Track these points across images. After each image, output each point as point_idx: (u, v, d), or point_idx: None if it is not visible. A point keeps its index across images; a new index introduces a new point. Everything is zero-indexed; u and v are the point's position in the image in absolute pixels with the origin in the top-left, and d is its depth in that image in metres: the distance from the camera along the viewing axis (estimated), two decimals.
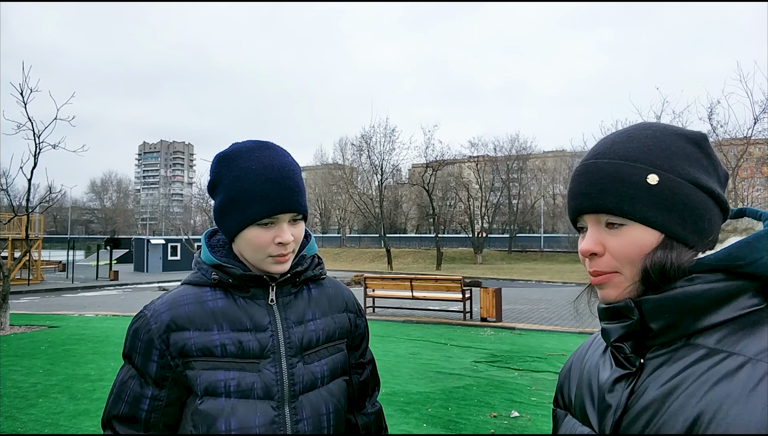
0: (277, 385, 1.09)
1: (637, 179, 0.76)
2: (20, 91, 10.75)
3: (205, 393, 1.06)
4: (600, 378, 0.83)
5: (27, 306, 16.12)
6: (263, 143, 1.15)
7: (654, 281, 0.75)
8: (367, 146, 42.28)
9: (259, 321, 1.12)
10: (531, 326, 11.41)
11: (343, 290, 1.30)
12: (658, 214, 0.75)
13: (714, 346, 0.71)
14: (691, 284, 0.73)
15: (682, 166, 0.77)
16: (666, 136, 0.79)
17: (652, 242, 0.76)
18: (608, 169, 0.78)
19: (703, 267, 0.73)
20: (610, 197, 0.77)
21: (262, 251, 1.10)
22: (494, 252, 51.21)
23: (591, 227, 0.81)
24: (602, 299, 0.81)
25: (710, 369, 0.68)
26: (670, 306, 0.74)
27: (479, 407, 5.41)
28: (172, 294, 1.16)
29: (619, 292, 0.79)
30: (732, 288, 0.72)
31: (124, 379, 1.12)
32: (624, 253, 0.77)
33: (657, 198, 0.75)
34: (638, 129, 0.81)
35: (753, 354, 0.66)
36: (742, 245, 0.73)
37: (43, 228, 27.49)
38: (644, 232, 0.76)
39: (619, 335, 0.78)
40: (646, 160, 0.77)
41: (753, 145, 32.07)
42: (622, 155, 0.78)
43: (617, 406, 0.77)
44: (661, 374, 0.73)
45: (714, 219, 0.77)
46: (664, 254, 0.75)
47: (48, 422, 4.93)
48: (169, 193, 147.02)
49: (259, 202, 1.07)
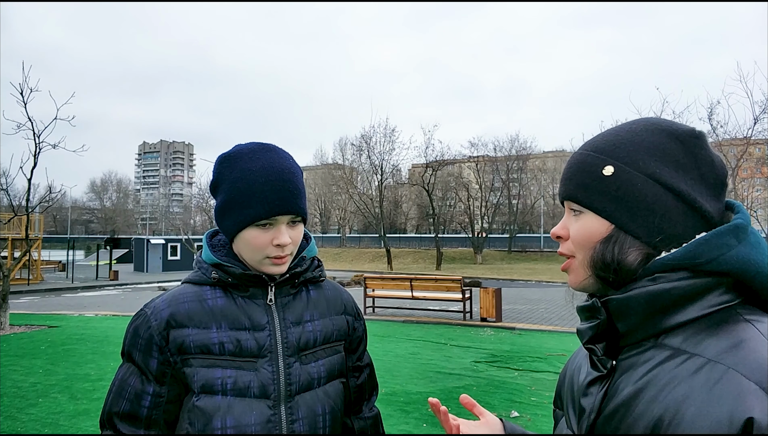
0: (273, 384, 1.10)
1: (593, 169, 0.79)
2: (20, 91, 10.76)
3: (201, 390, 1.07)
4: (578, 381, 0.84)
5: (27, 306, 16.11)
6: (265, 145, 1.16)
7: (599, 273, 0.77)
8: (367, 146, 42.31)
9: (257, 320, 1.13)
10: (531, 326, 11.42)
11: (342, 293, 1.30)
12: (608, 204, 0.77)
13: (678, 346, 0.70)
14: (653, 284, 0.72)
15: (645, 160, 0.77)
16: (647, 131, 0.79)
17: (602, 232, 0.78)
18: (577, 159, 0.83)
19: (665, 266, 0.73)
20: (571, 185, 0.82)
21: (260, 252, 1.11)
22: (494, 252, 51.22)
23: (566, 212, 0.85)
24: (570, 285, 0.84)
25: (673, 370, 0.68)
26: (633, 306, 0.73)
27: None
28: (173, 292, 1.17)
29: (579, 279, 0.82)
30: (698, 286, 0.71)
31: (124, 376, 1.12)
32: (577, 238, 0.81)
33: (608, 189, 0.77)
34: (630, 123, 0.83)
35: (712, 356, 0.66)
36: (701, 243, 0.72)
37: (42, 228, 27.49)
38: (595, 220, 0.79)
39: (589, 336, 0.79)
40: (608, 152, 0.79)
41: (753, 145, 32.05)
42: (593, 146, 0.82)
43: (591, 409, 0.77)
44: (631, 375, 0.73)
45: (670, 216, 0.75)
46: (605, 246, 0.77)
47: (48, 421, 4.93)
48: (169, 193, 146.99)
49: (258, 204, 1.08)
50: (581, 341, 0.82)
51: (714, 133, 28.60)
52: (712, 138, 31.10)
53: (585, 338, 0.80)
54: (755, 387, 0.61)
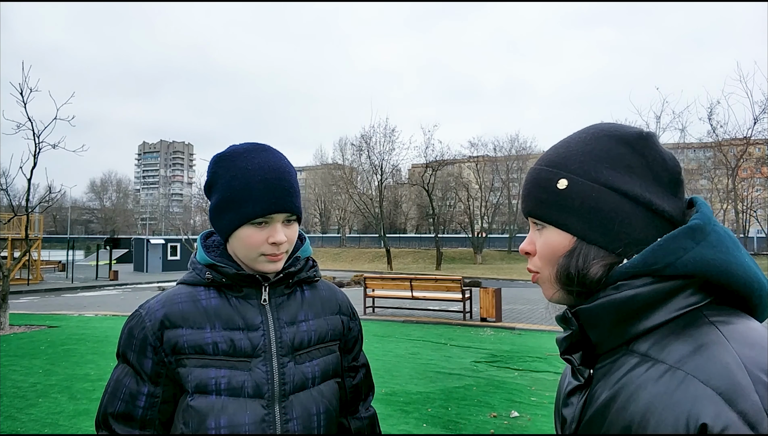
0: (267, 384, 1.10)
1: (549, 184, 0.79)
2: (20, 91, 10.75)
3: (195, 390, 1.07)
4: (562, 390, 0.86)
5: (27, 306, 16.11)
6: (260, 145, 1.17)
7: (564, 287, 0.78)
8: (366, 146, 42.32)
9: (251, 320, 1.14)
10: (531, 326, 11.42)
11: (337, 293, 1.31)
12: (566, 217, 0.77)
13: (645, 352, 0.70)
14: (617, 292, 0.72)
15: (597, 169, 0.76)
16: (595, 138, 0.79)
17: (565, 245, 0.78)
18: (533, 175, 0.83)
19: (625, 274, 0.73)
20: (530, 201, 0.82)
21: (255, 250, 1.12)
22: (494, 252, 51.22)
23: (530, 227, 0.85)
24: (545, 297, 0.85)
25: (640, 377, 0.68)
26: (600, 315, 0.74)
27: (479, 407, 5.41)
28: (167, 293, 1.18)
29: (549, 293, 0.83)
30: (661, 290, 0.71)
31: (119, 377, 1.13)
32: (542, 253, 0.81)
33: (565, 202, 0.77)
34: (579, 132, 0.83)
35: (673, 362, 0.66)
36: (655, 249, 0.71)
37: (42, 228, 27.49)
38: (557, 234, 0.79)
39: (565, 347, 0.80)
40: (561, 165, 0.79)
41: (753, 145, 32.07)
42: (547, 160, 0.82)
43: (572, 419, 0.78)
44: (606, 383, 0.73)
45: (629, 221, 0.75)
46: (568, 259, 0.77)
47: (48, 422, 4.93)
48: (169, 193, 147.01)
49: (254, 202, 1.09)
50: (559, 352, 0.83)
51: (714, 133, 28.51)
52: (712, 138, 31.11)
53: (561, 349, 0.81)
54: (711, 392, 0.60)
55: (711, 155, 36.88)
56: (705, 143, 33.63)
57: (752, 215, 38.43)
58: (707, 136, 31.59)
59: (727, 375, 0.61)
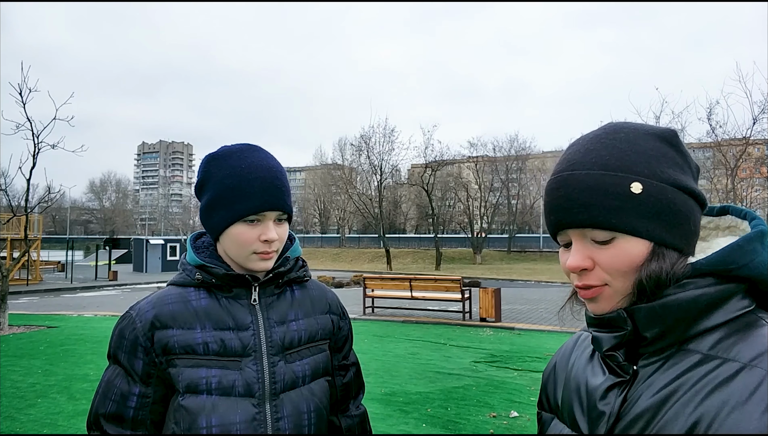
0: (258, 383, 1.11)
1: (621, 190, 0.73)
2: (19, 91, 10.75)
3: (186, 390, 1.08)
4: (590, 384, 0.81)
5: (26, 306, 16.10)
6: (251, 145, 1.19)
7: (649, 292, 0.73)
8: (366, 146, 42.32)
9: (241, 320, 1.14)
10: (530, 326, 11.42)
11: (327, 293, 1.32)
12: (647, 223, 0.73)
13: (708, 352, 0.70)
14: (683, 291, 0.71)
15: (662, 169, 0.75)
16: (639, 138, 0.77)
17: (642, 252, 0.73)
18: (588, 182, 0.75)
19: (694, 272, 0.72)
20: (595, 211, 0.74)
21: (247, 247, 1.12)
22: (493, 252, 51.20)
23: (576, 241, 0.77)
24: (594, 312, 0.79)
25: (706, 376, 0.68)
26: (663, 314, 0.72)
27: (478, 407, 5.41)
28: (157, 294, 1.19)
29: (612, 305, 0.77)
30: (724, 292, 0.71)
31: (110, 378, 1.13)
32: (615, 266, 0.74)
33: (643, 207, 0.73)
34: (609, 133, 0.78)
35: (748, 360, 0.66)
36: (735, 249, 0.72)
37: (41, 228, 27.47)
38: (634, 243, 0.73)
39: (612, 345, 0.77)
40: (626, 168, 0.74)
41: (752, 145, 32.07)
42: (600, 165, 0.75)
43: (610, 414, 0.75)
44: (655, 381, 0.72)
45: (698, 219, 0.76)
46: (659, 265, 0.73)
47: (47, 422, 4.93)
48: (168, 193, 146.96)
49: (247, 199, 1.10)
50: (599, 350, 0.80)
51: (713, 133, 28.56)
52: (711, 138, 31.13)
53: (606, 347, 0.78)
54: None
55: (710, 155, 36.87)
56: (704, 143, 33.63)
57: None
58: (706, 137, 31.59)
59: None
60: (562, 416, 0.87)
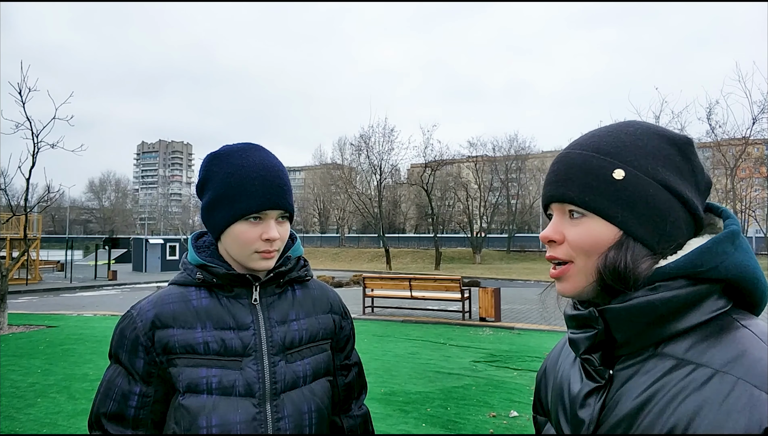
0: (258, 383, 1.10)
1: (602, 172, 0.76)
2: (18, 90, 10.73)
3: (187, 390, 1.08)
4: (571, 390, 0.82)
5: (25, 306, 16.08)
6: (253, 145, 1.19)
7: (608, 282, 0.74)
8: (365, 146, 42.28)
9: (241, 320, 1.14)
10: (530, 325, 11.41)
11: (329, 292, 1.31)
12: (618, 209, 0.74)
13: (682, 356, 0.70)
14: (654, 293, 0.72)
15: (654, 166, 0.75)
16: (646, 135, 0.78)
17: (609, 237, 0.75)
18: (578, 160, 0.79)
19: (664, 275, 0.72)
20: (574, 187, 0.77)
21: (248, 246, 1.12)
22: (493, 252, 51.21)
23: (556, 214, 0.81)
24: (560, 293, 0.81)
25: (680, 381, 0.68)
26: (633, 316, 0.72)
27: (478, 406, 5.41)
28: (158, 294, 1.19)
29: (575, 286, 0.79)
30: (697, 294, 0.71)
31: (111, 377, 1.13)
32: (579, 243, 0.77)
33: (619, 193, 0.74)
34: (622, 126, 0.81)
35: (719, 366, 0.66)
36: (703, 251, 0.72)
37: (41, 228, 27.45)
38: (602, 225, 0.75)
39: (586, 347, 0.78)
40: (616, 155, 0.76)
41: (751, 145, 32.10)
42: (594, 148, 0.78)
43: (590, 421, 0.75)
44: (633, 387, 0.72)
45: (679, 224, 0.75)
46: (618, 254, 0.74)
47: (46, 421, 4.92)
48: (168, 192, 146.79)
49: (249, 197, 1.10)
50: (576, 352, 0.81)
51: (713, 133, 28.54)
52: (711, 138, 31.12)
53: (581, 349, 0.79)
54: (766, 396, 0.62)
55: (710, 155, 36.91)
56: (704, 143, 33.66)
57: (751, 215, 38.48)
58: (706, 136, 31.63)
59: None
60: (552, 422, 0.88)
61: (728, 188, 31.87)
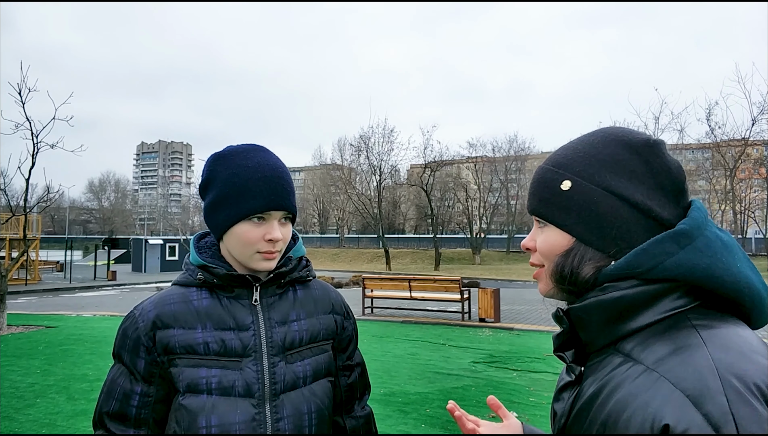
0: (258, 383, 1.11)
1: (553, 184, 0.82)
2: (18, 90, 10.73)
3: (187, 390, 1.09)
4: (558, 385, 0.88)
5: (24, 306, 16.08)
6: (257, 146, 1.20)
7: (556, 285, 0.81)
8: (365, 147, 42.31)
9: (241, 320, 1.15)
10: (529, 326, 11.41)
11: (330, 292, 1.31)
12: (566, 218, 0.80)
13: (628, 353, 0.72)
14: (603, 293, 0.75)
15: (601, 173, 0.78)
16: (603, 143, 0.81)
17: (563, 244, 0.81)
18: (539, 174, 0.86)
19: (608, 277, 0.75)
20: (535, 200, 0.85)
21: (251, 246, 1.13)
22: (492, 253, 51.20)
23: (535, 224, 0.88)
24: (540, 292, 0.89)
25: (620, 376, 0.71)
26: (588, 314, 0.76)
27: (477, 407, 5.41)
28: (160, 294, 1.19)
29: (545, 288, 0.86)
30: (647, 293, 0.72)
31: (114, 377, 1.14)
32: (542, 249, 0.84)
33: (566, 203, 0.80)
34: (589, 135, 0.85)
35: (650, 363, 0.68)
36: (639, 253, 0.73)
37: (40, 228, 27.44)
38: (557, 234, 0.82)
39: (556, 345, 0.84)
40: (567, 167, 0.82)
41: (751, 146, 32.13)
42: (554, 161, 0.85)
43: (562, 413, 0.81)
44: (591, 381, 0.76)
45: (629, 227, 0.76)
46: (564, 259, 0.80)
47: (45, 422, 4.92)
48: (167, 193, 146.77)
49: (254, 198, 1.11)
50: (553, 349, 0.86)
51: (712, 133, 28.57)
52: (711, 139, 31.15)
53: (555, 346, 0.84)
54: (679, 394, 0.62)
55: (709, 156, 36.92)
56: (703, 144, 33.70)
57: (750, 216, 38.49)
58: (705, 137, 31.68)
59: (698, 378, 0.62)
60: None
61: (728, 189, 31.89)
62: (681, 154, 34.40)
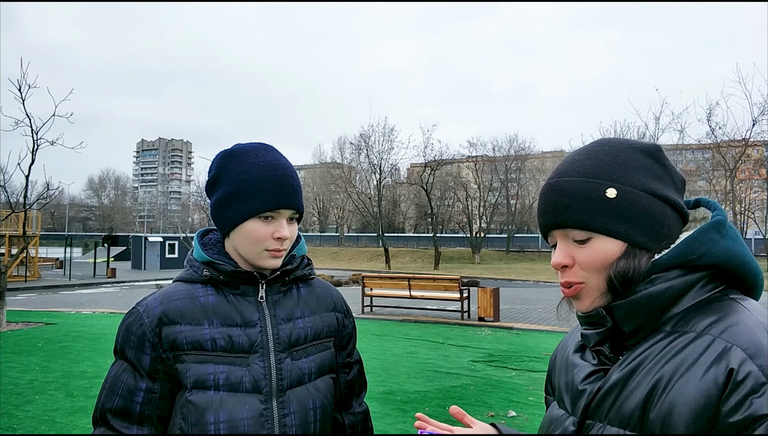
0: (265, 379, 1.12)
1: (596, 195, 0.82)
2: (18, 87, 10.72)
3: (194, 386, 1.09)
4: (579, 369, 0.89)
5: (24, 303, 16.09)
6: (266, 145, 1.21)
7: (619, 288, 0.81)
8: (365, 145, 42.28)
9: (248, 317, 1.15)
10: (528, 325, 11.43)
11: (332, 291, 1.33)
12: (620, 225, 0.81)
13: (670, 330, 0.79)
14: (652, 285, 0.79)
15: (638, 178, 0.83)
16: (622, 151, 0.85)
17: (616, 252, 0.82)
18: (570, 187, 0.84)
19: (660, 267, 0.80)
20: (573, 213, 0.83)
21: (259, 244, 1.14)
22: (492, 252, 51.22)
23: (560, 241, 0.86)
24: (578, 310, 0.88)
25: (665, 348, 0.77)
26: (637, 308, 0.80)
27: (477, 406, 5.41)
28: (165, 290, 1.19)
29: (590, 302, 0.85)
30: (690, 281, 0.79)
31: (117, 373, 1.14)
32: (590, 264, 0.83)
33: (617, 210, 0.81)
34: (597, 146, 0.88)
35: (700, 330, 0.75)
36: (690, 242, 0.80)
37: (40, 225, 27.42)
38: (608, 243, 0.82)
39: (596, 341, 0.86)
40: (604, 176, 0.83)
41: (751, 147, 32.10)
42: (582, 172, 0.85)
43: (590, 392, 0.84)
44: (625, 361, 0.81)
45: (672, 224, 0.83)
46: (627, 263, 0.81)
47: (45, 419, 4.93)
48: (167, 190, 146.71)
49: (264, 196, 1.12)
50: (588, 346, 0.89)
51: (713, 134, 28.57)
52: (711, 139, 31.15)
53: (592, 343, 0.87)
54: (738, 349, 0.70)
55: (709, 156, 36.90)
56: (704, 144, 33.67)
57: (750, 217, 38.49)
58: (706, 138, 31.65)
59: (750, 336, 0.71)
60: (557, 397, 0.96)
61: (728, 190, 31.88)
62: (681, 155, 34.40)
